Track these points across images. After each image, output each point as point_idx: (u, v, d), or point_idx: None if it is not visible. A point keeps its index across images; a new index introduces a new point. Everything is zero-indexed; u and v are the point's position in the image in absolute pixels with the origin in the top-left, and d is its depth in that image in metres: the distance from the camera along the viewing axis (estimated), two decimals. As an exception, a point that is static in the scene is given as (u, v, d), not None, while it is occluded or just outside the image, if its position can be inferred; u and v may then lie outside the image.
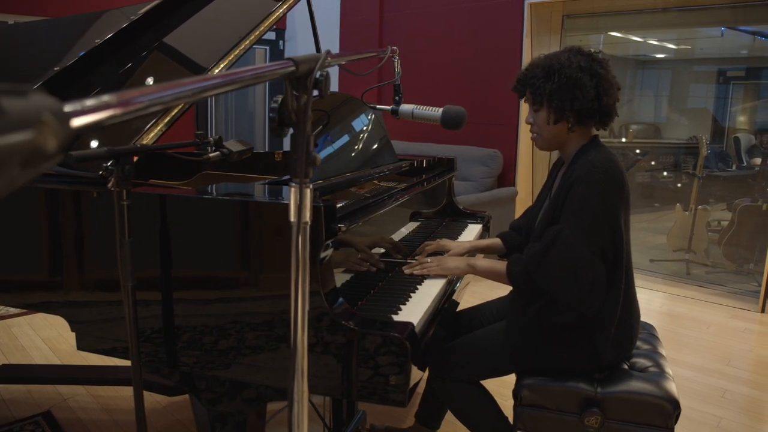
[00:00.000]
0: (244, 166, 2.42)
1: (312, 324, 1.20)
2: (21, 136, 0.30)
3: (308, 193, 0.88)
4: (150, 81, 1.94)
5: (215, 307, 1.31)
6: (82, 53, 1.85)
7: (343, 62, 1.22)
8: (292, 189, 0.88)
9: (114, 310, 1.40)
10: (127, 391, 2.49)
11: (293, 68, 0.81)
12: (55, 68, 1.71)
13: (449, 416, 2.08)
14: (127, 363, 2.22)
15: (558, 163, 1.81)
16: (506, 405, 1.72)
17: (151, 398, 2.42)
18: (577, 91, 1.54)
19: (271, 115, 0.88)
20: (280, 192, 1.46)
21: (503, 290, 1.89)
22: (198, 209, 1.34)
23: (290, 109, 0.86)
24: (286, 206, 1.19)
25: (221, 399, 1.40)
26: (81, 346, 1.42)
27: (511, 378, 1.71)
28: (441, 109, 1.77)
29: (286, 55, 6.80)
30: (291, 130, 0.91)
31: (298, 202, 0.88)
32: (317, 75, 0.85)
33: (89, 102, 0.40)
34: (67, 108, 0.38)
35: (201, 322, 1.33)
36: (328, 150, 1.82)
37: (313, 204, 0.89)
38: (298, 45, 6.52)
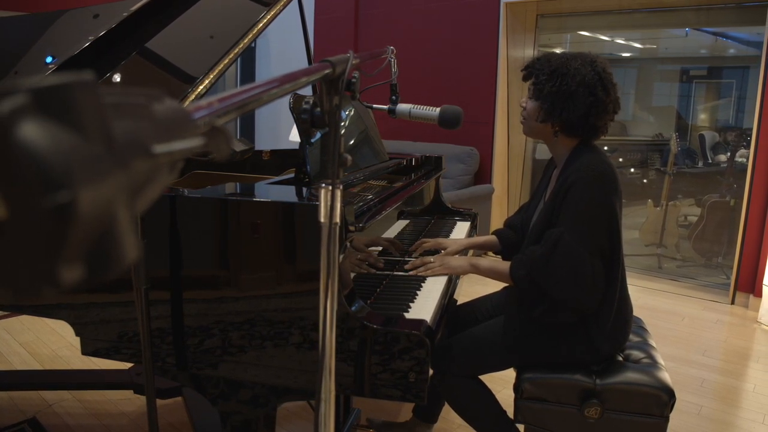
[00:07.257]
0: (232, 165, 2.40)
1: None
2: (187, 143, 0.30)
3: (339, 194, 0.89)
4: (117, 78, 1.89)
5: (227, 307, 1.31)
6: (49, 59, 1.79)
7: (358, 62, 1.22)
8: (323, 190, 0.88)
9: (121, 311, 1.37)
10: (115, 395, 2.44)
11: (330, 70, 0.82)
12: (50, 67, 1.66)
13: (446, 410, 2.11)
14: (120, 366, 2.18)
15: (551, 165, 1.85)
16: (498, 398, 1.75)
17: (139, 401, 2.38)
18: (570, 103, 1.57)
19: (303, 116, 0.88)
20: (302, 193, 1.46)
21: (495, 290, 1.93)
22: (210, 210, 1.33)
23: (324, 111, 0.86)
24: (314, 207, 1.19)
25: (217, 400, 1.39)
26: (86, 350, 1.39)
27: (503, 372, 1.74)
28: (438, 109, 1.79)
29: (258, 52, 6.74)
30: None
31: (329, 203, 0.89)
32: (352, 78, 0.85)
33: (203, 103, 0.40)
34: (193, 110, 0.38)
35: (208, 322, 1.32)
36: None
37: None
38: (270, 41, 6.45)
